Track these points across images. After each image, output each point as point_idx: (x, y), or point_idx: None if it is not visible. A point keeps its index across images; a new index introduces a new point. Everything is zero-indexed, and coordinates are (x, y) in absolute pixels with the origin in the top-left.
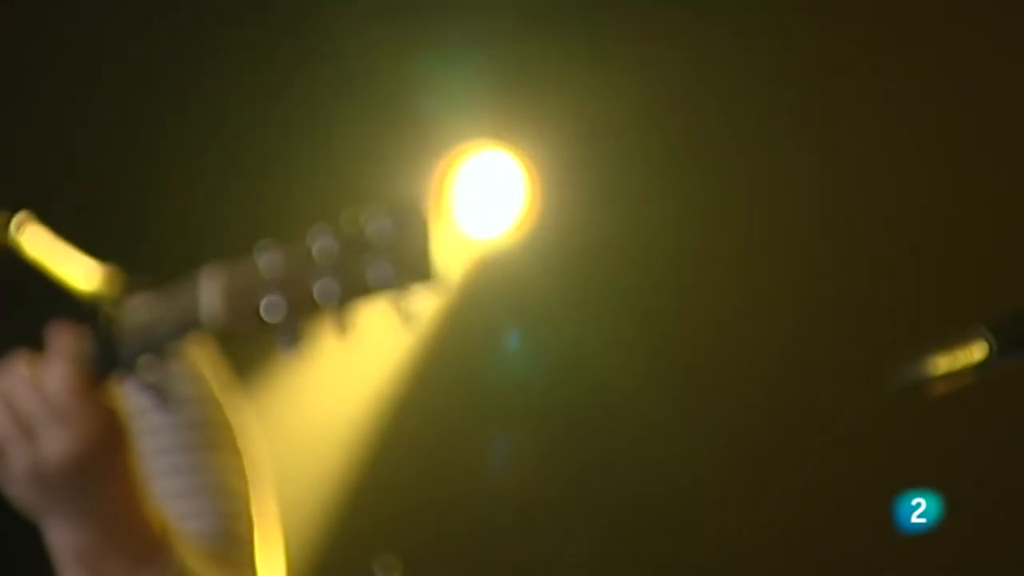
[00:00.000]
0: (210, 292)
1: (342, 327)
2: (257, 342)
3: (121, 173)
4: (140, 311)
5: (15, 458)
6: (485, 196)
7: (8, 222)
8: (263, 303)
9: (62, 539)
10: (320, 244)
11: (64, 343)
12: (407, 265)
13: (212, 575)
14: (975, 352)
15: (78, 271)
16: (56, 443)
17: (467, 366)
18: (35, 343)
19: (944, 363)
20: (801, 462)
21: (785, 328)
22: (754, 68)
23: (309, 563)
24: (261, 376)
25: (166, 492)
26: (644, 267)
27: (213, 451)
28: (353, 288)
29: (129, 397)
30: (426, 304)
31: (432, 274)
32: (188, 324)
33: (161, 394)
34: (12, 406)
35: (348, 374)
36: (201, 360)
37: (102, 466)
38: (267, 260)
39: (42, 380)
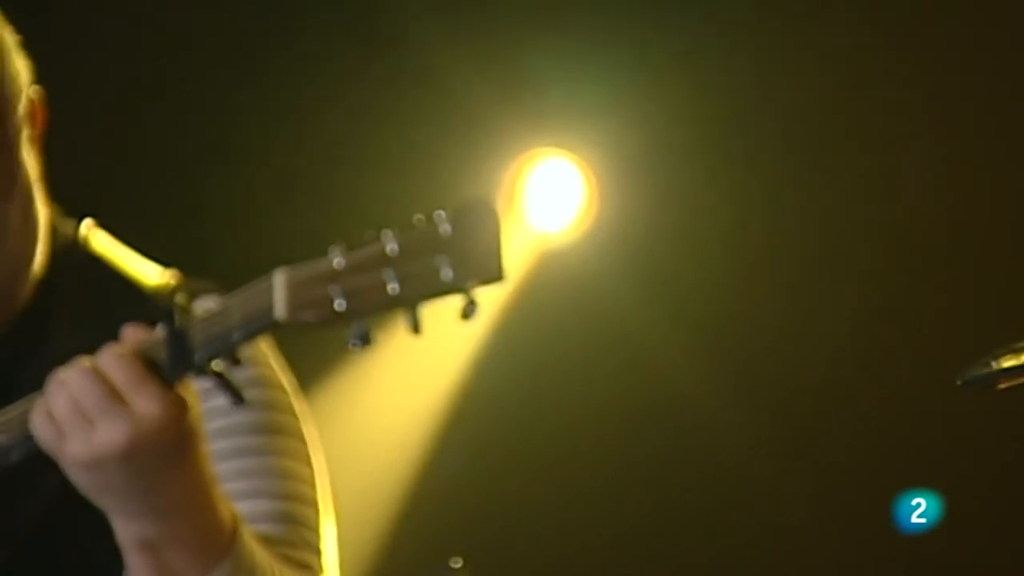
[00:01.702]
0: (284, 289)
1: (413, 324)
2: (323, 348)
3: (190, 179)
4: (213, 311)
5: (74, 444)
6: (548, 201)
7: (78, 228)
8: (335, 298)
9: (124, 527)
10: (392, 242)
11: (132, 338)
12: (477, 265)
13: (280, 568)
14: None
15: (146, 274)
16: (113, 431)
17: (529, 361)
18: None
19: (1009, 360)
20: (860, 457)
21: (842, 323)
22: (806, 68)
23: (371, 560)
24: (325, 377)
25: (226, 474)
26: (701, 264)
27: (276, 435)
28: (424, 286)
29: (195, 383)
30: (491, 302)
31: (501, 274)
32: (262, 321)
33: (230, 385)
34: (72, 393)
35: (410, 371)
36: (268, 352)
37: (164, 458)
38: (340, 258)
39: (104, 370)
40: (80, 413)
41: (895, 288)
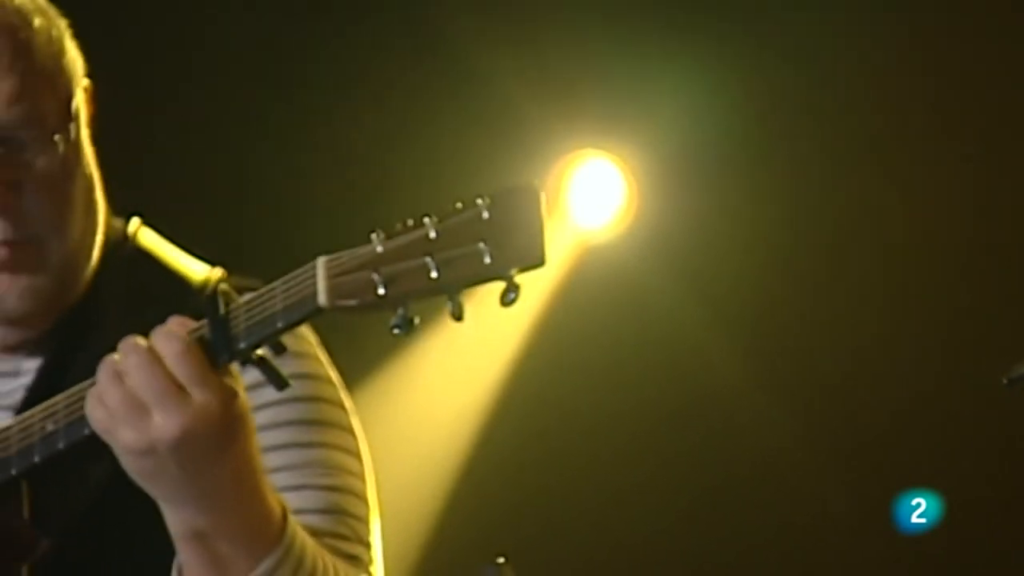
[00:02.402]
0: (326, 275)
1: (455, 311)
2: (367, 344)
3: (237, 176)
4: (256, 298)
5: (127, 432)
6: (590, 201)
7: (126, 226)
8: (377, 283)
9: (174, 516)
10: (433, 228)
11: (177, 328)
12: (518, 250)
13: (331, 562)
14: None
15: (192, 271)
16: (166, 420)
17: (570, 358)
18: None
19: None
20: (899, 454)
21: (881, 323)
22: (844, 68)
23: (414, 556)
24: (368, 374)
25: (275, 466)
26: (739, 262)
27: (324, 427)
28: (465, 271)
29: (242, 374)
30: (533, 299)
31: (543, 259)
32: (305, 308)
33: (274, 371)
34: (126, 381)
35: (454, 368)
36: (316, 346)
37: (215, 445)
38: (382, 243)
39: (157, 359)
40: (135, 400)
41: (932, 289)
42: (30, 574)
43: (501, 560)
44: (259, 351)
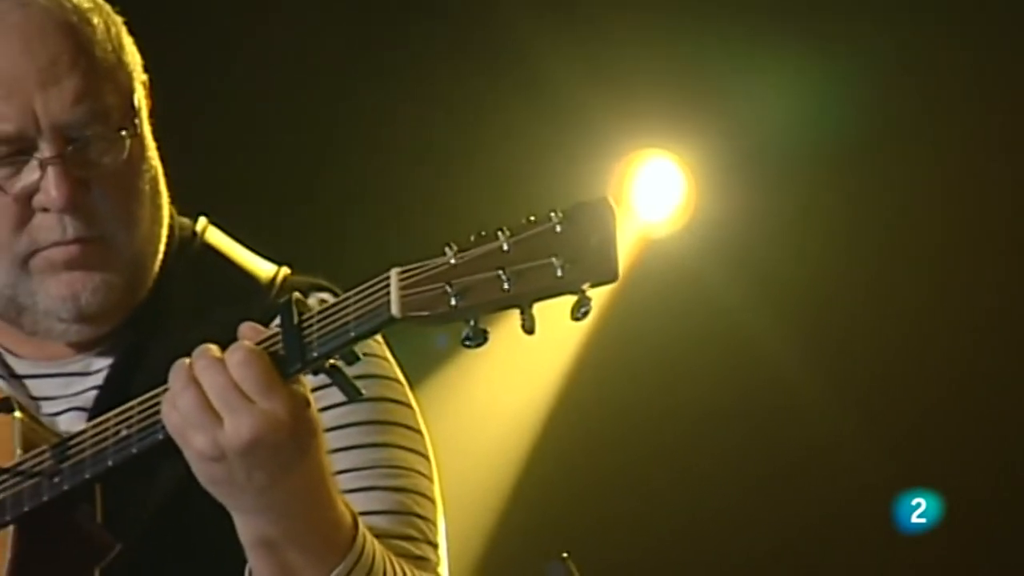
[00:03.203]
0: (399, 286)
1: (527, 324)
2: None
3: (305, 179)
4: (329, 307)
5: (198, 437)
6: (651, 199)
7: (194, 224)
8: (449, 295)
9: (244, 525)
10: (506, 241)
11: (254, 336)
12: (590, 265)
13: (399, 566)
14: None
15: (259, 269)
16: (240, 426)
17: (631, 356)
18: (227, 339)
19: None
20: (971, 451)
21: (940, 315)
22: (903, 66)
23: (476, 554)
24: (430, 373)
25: (342, 468)
26: (798, 257)
27: (390, 428)
28: (537, 284)
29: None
30: (595, 297)
31: (616, 275)
32: (378, 318)
33: (346, 380)
34: (201, 388)
35: (515, 366)
36: (381, 343)
37: (284, 454)
38: (455, 256)
39: (231, 366)
40: (206, 406)
41: (993, 281)
42: None
43: (565, 555)
44: (331, 360)
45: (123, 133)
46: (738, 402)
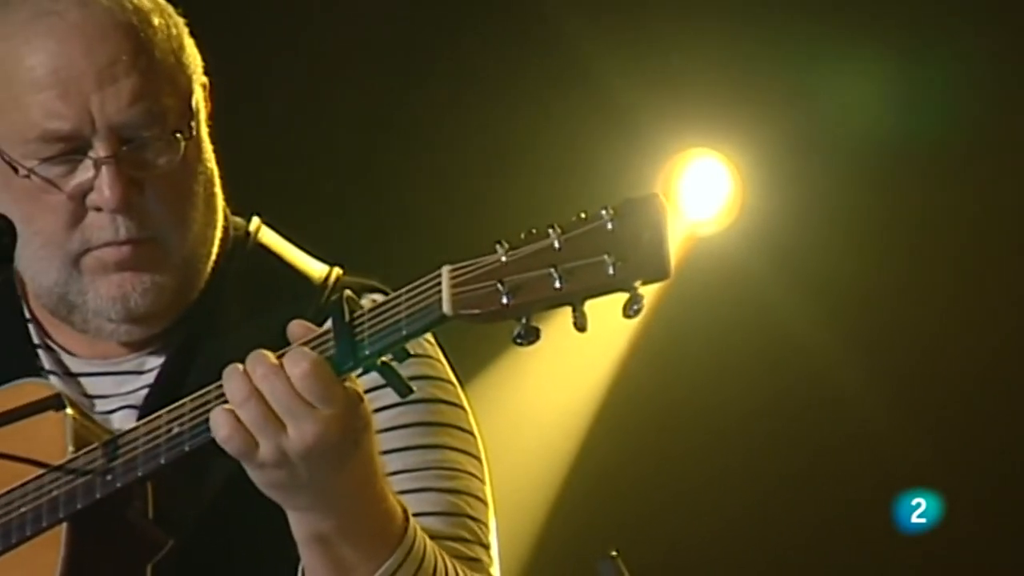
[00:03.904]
0: (450, 284)
1: (578, 322)
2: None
3: (354, 179)
4: (380, 306)
5: (264, 445)
6: (699, 198)
7: (247, 224)
8: (501, 293)
9: (298, 521)
10: (557, 239)
11: (304, 335)
12: (642, 262)
13: (451, 564)
14: None
15: (311, 268)
16: (304, 432)
17: (679, 354)
18: (280, 338)
19: None
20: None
21: (997, 320)
22: (947, 67)
23: (525, 553)
24: (478, 373)
25: (393, 469)
26: (845, 257)
27: (442, 428)
28: (588, 282)
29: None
30: (648, 297)
31: (667, 273)
32: (429, 316)
33: (398, 378)
34: (263, 396)
35: (563, 364)
36: (432, 343)
37: (340, 456)
38: (506, 253)
39: (290, 372)
40: (271, 416)
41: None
42: (153, 573)
43: (615, 554)
44: (383, 358)
45: (179, 135)
46: (785, 400)
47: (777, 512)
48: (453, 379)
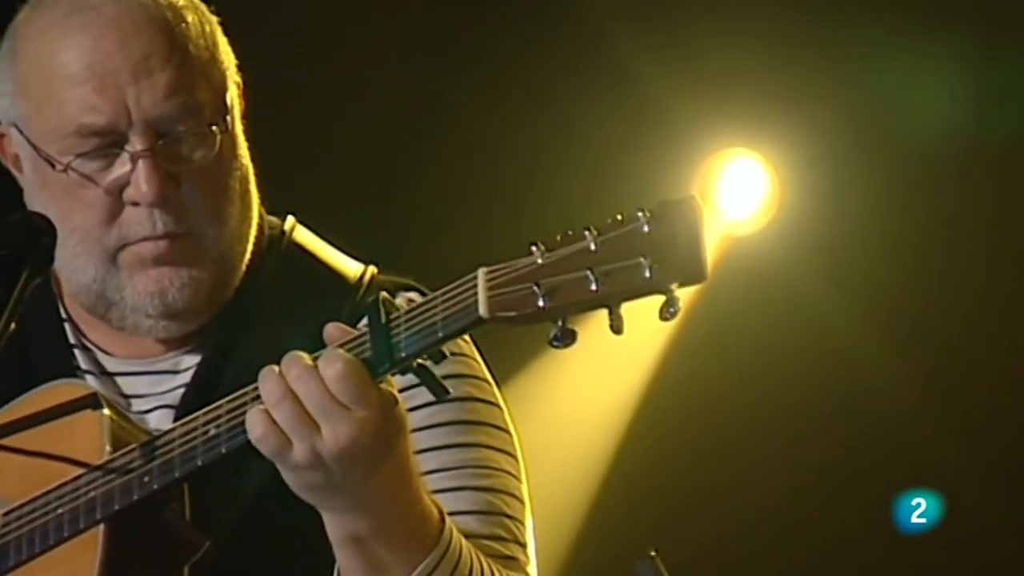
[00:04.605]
0: (487, 286)
1: (615, 324)
2: (512, 345)
3: (391, 175)
4: (417, 307)
5: (299, 447)
6: (736, 198)
7: (282, 223)
8: (537, 295)
9: (333, 523)
10: (593, 241)
11: (340, 336)
12: (678, 265)
13: (487, 564)
14: None
15: (346, 267)
16: (338, 434)
17: (716, 353)
18: (315, 337)
19: None
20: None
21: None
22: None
23: (563, 553)
24: (515, 373)
25: (429, 468)
26: (881, 256)
27: (478, 427)
28: (625, 285)
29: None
30: (684, 298)
31: (704, 275)
32: (466, 318)
33: (434, 380)
34: (298, 397)
35: (600, 365)
36: (468, 342)
37: (376, 457)
38: (542, 255)
39: (324, 374)
40: (306, 417)
41: None
42: (190, 575)
43: (653, 553)
44: (419, 359)
45: (214, 129)
46: (821, 399)
47: (815, 511)
48: (489, 377)
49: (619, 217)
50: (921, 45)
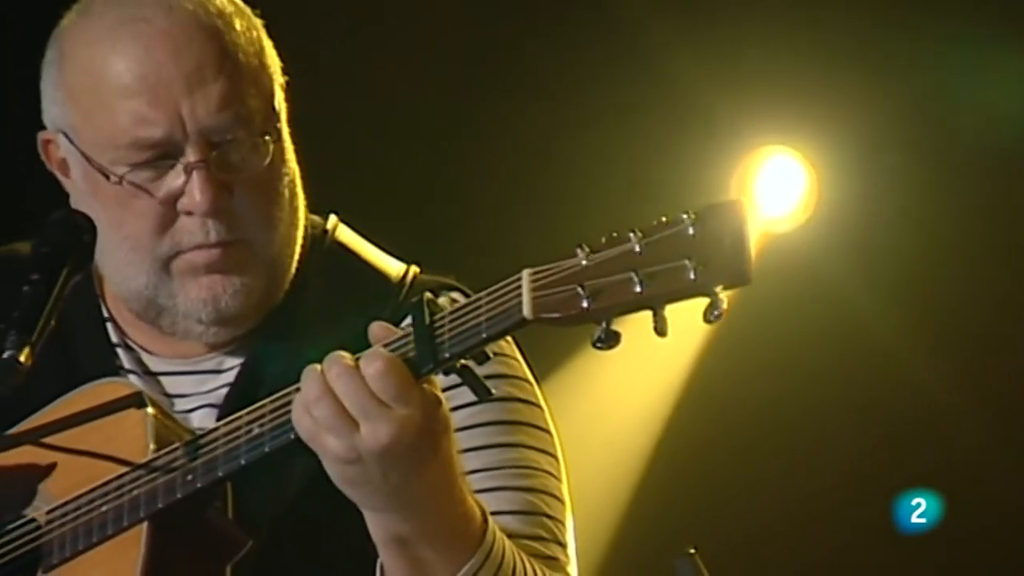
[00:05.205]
0: (531, 288)
1: (659, 326)
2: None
3: (435, 176)
4: (460, 308)
5: (339, 444)
6: (775, 195)
7: (325, 222)
8: (581, 297)
9: (376, 523)
10: (637, 244)
11: (385, 336)
12: (722, 267)
13: (529, 564)
14: None
15: (389, 267)
16: (377, 432)
17: (755, 352)
18: (358, 336)
19: None
20: None
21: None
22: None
23: (605, 550)
24: (554, 372)
25: (471, 467)
26: (922, 255)
27: (519, 428)
28: (669, 287)
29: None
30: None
31: (748, 278)
32: (509, 319)
33: (477, 381)
34: (338, 396)
35: (639, 364)
36: (510, 342)
37: (418, 457)
38: (587, 257)
39: (364, 372)
40: (342, 412)
41: None
42: (233, 573)
43: (692, 552)
44: (462, 360)
45: (267, 138)
46: (860, 396)
47: (855, 508)
48: (530, 377)
49: (663, 219)
50: (961, 43)
